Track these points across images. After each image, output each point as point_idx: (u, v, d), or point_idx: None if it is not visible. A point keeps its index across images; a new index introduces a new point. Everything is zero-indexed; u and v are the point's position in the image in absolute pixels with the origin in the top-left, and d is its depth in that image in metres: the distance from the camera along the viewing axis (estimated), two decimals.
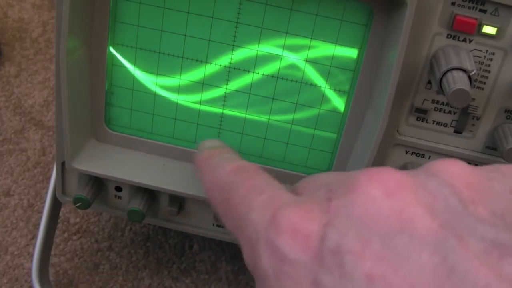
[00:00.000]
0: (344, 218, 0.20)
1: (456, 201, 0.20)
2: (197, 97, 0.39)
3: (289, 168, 0.41)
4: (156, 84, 0.39)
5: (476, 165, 0.38)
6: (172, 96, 0.40)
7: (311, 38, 0.36)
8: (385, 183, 0.21)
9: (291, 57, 0.37)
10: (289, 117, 0.39)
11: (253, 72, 0.38)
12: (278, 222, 0.22)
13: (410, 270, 0.18)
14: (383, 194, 0.20)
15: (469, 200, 0.20)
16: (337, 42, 0.36)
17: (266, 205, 0.24)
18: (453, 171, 0.21)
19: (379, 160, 0.38)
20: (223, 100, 0.39)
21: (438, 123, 0.37)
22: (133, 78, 0.39)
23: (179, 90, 0.39)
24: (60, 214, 0.51)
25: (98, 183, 0.42)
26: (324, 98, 0.38)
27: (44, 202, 0.48)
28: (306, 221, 0.21)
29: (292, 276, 0.21)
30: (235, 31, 0.37)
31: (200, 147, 0.34)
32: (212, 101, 0.39)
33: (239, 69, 0.38)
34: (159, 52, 0.38)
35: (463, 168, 0.22)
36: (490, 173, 0.22)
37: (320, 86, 0.38)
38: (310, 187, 0.26)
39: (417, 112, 0.37)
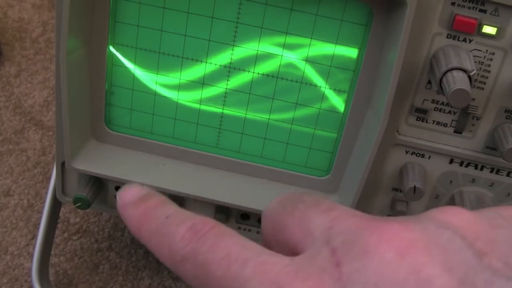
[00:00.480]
0: (359, 286, 0.20)
1: (470, 254, 0.20)
2: (197, 96, 0.39)
3: (289, 168, 0.41)
4: (156, 84, 0.39)
5: (476, 165, 0.38)
6: (172, 96, 0.40)
7: (311, 38, 0.36)
8: (396, 243, 0.20)
9: (291, 57, 0.37)
10: (289, 117, 0.39)
11: (253, 72, 0.38)
12: None
13: None
14: (397, 255, 0.20)
15: (482, 252, 0.20)
16: (337, 42, 0.36)
17: (261, 275, 0.22)
18: (460, 222, 0.21)
19: (379, 160, 0.38)
20: (223, 99, 0.39)
21: (438, 123, 0.37)
22: (133, 78, 0.39)
23: (179, 90, 0.39)
24: (60, 214, 0.51)
25: (98, 183, 0.42)
26: (324, 98, 0.38)
27: (44, 202, 0.48)
28: None
29: None
30: (235, 31, 0.37)
31: (123, 206, 0.28)
32: (212, 101, 0.39)
33: (239, 69, 0.38)
34: (159, 52, 0.38)
35: (469, 218, 0.21)
36: (493, 220, 0.22)
37: (320, 86, 0.38)
38: (301, 232, 0.24)
39: (417, 112, 0.37)
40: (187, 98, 0.40)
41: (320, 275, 0.20)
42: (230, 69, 0.38)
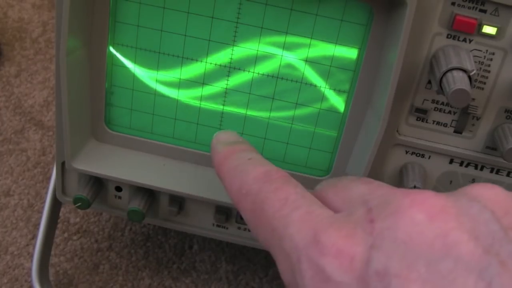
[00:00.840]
0: (388, 240, 0.21)
1: (497, 227, 0.20)
2: (197, 96, 0.39)
3: (289, 168, 0.41)
4: (156, 84, 0.39)
5: (476, 165, 0.38)
6: (172, 96, 0.40)
7: (311, 38, 0.36)
8: (428, 207, 0.21)
9: (291, 57, 0.37)
10: (289, 116, 0.39)
11: (253, 72, 0.38)
12: (321, 243, 0.22)
13: None
14: (427, 218, 0.21)
15: (509, 227, 0.21)
16: (337, 42, 0.36)
17: (304, 222, 0.24)
18: (491, 197, 0.22)
19: (379, 160, 0.38)
20: (223, 99, 0.39)
21: (438, 123, 0.37)
22: (133, 78, 0.39)
23: (179, 90, 0.39)
24: (60, 214, 0.51)
25: (98, 183, 0.42)
26: (324, 98, 0.38)
27: (44, 202, 0.48)
28: (351, 243, 0.21)
29: None
30: (235, 31, 0.37)
31: (216, 142, 0.32)
32: (212, 101, 0.39)
33: (239, 69, 0.38)
34: (159, 52, 0.38)
35: (501, 195, 0.22)
36: None
37: (320, 86, 0.38)
38: (342, 200, 0.25)
39: (417, 112, 0.37)
40: (187, 98, 0.40)
41: (353, 228, 0.22)
42: (230, 69, 0.38)
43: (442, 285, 0.19)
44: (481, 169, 0.38)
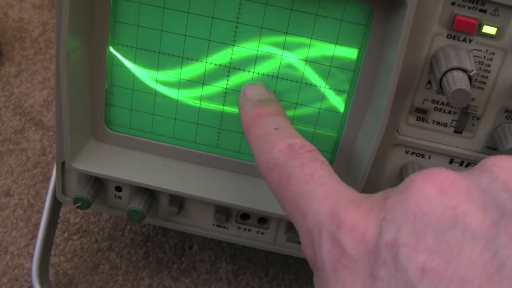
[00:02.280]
0: (399, 213, 0.21)
1: (508, 198, 0.20)
2: (197, 97, 0.39)
3: None
4: (156, 84, 0.39)
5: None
6: (172, 96, 0.40)
7: (311, 38, 0.36)
8: (439, 181, 0.22)
9: (291, 57, 0.37)
10: (289, 117, 0.39)
11: (253, 72, 0.38)
12: (340, 218, 0.23)
13: (461, 264, 0.19)
14: (437, 191, 0.21)
15: None
16: (337, 42, 0.36)
17: (327, 197, 0.25)
18: (505, 165, 0.22)
19: (379, 160, 0.38)
20: (223, 99, 0.39)
21: (438, 123, 0.37)
22: (133, 78, 0.39)
23: (179, 90, 0.39)
24: (60, 214, 0.51)
25: (98, 183, 0.42)
26: (324, 98, 0.38)
27: (44, 202, 0.48)
28: (365, 217, 0.22)
29: (350, 268, 0.22)
30: (235, 31, 0.37)
31: (244, 100, 0.32)
32: (212, 101, 0.39)
33: (239, 68, 0.38)
34: (159, 52, 0.38)
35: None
36: None
37: (320, 86, 0.38)
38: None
39: (417, 112, 0.37)
40: (187, 98, 0.40)
41: (370, 205, 0.23)
42: (230, 69, 0.38)
43: (449, 255, 0.19)
44: None
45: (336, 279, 0.22)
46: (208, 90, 0.39)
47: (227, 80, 0.38)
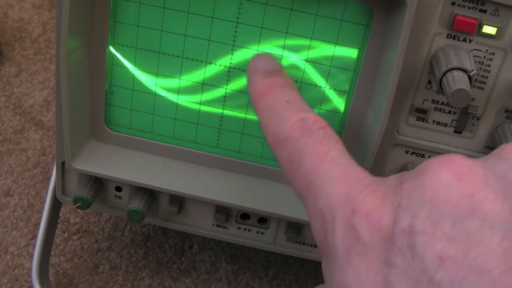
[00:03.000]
0: (415, 199, 0.21)
1: None
2: (197, 97, 0.39)
3: None
4: (156, 84, 0.39)
5: None
6: (172, 96, 0.40)
7: (311, 38, 0.36)
8: (456, 168, 0.21)
9: (291, 57, 0.37)
10: None
11: None
12: (355, 203, 0.22)
13: (480, 253, 0.19)
14: (454, 178, 0.21)
15: None
16: (337, 42, 0.36)
17: (341, 180, 0.24)
18: None
19: (379, 160, 0.38)
20: (223, 100, 0.39)
21: (438, 123, 0.37)
22: (133, 78, 0.39)
23: (179, 90, 0.39)
24: (60, 214, 0.51)
25: (98, 183, 0.42)
26: (324, 98, 0.38)
27: (44, 202, 0.48)
28: (381, 203, 0.22)
29: (364, 255, 0.21)
30: (235, 31, 0.37)
31: (253, 71, 0.31)
32: (212, 101, 0.39)
33: (239, 69, 0.38)
34: (159, 52, 0.38)
35: None
36: None
37: (320, 86, 0.38)
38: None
39: (417, 112, 0.37)
40: (187, 98, 0.40)
41: (385, 190, 0.22)
42: (230, 69, 0.38)
43: (467, 243, 0.19)
44: None
45: (349, 265, 0.22)
46: (208, 90, 0.39)
47: (227, 80, 0.38)
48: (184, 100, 0.40)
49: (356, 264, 0.21)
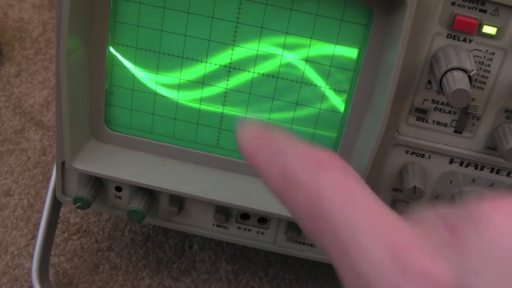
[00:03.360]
0: (476, 256, 0.18)
1: None
2: (197, 96, 0.39)
3: None
4: (156, 84, 0.39)
5: (476, 165, 0.38)
6: (172, 96, 0.40)
7: (311, 38, 0.36)
8: (506, 208, 0.18)
9: (291, 57, 0.37)
10: (289, 116, 0.39)
11: (253, 72, 0.38)
12: (403, 262, 0.19)
13: None
14: (509, 220, 0.18)
15: None
16: (337, 42, 0.36)
17: (377, 231, 0.20)
18: None
19: (379, 160, 0.38)
20: (223, 99, 0.39)
21: (438, 123, 0.37)
22: (133, 78, 0.39)
23: (179, 90, 0.39)
24: (60, 214, 0.51)
25: (98, 183, 0.42)
26: (324, 98, 0.38)
27: (44, 202, 0.48)
28: (436, 264, 0.18)
29: None
30: (235, 31, 0.37)
31: (244, 140, 0.25)
32: (212, 101, 0.39)
33: (239, 68, 0.38)
34: (159, 52, 0.38)
35: None
36: None
37: (320, 86, 0.38)
38: (416, 217, 0.21)
39: (417, 112, 0.37)
40: (187, 98, 0.40)
41: (436, 243, 0.19)
42: (230, 69, 0.38)
43: None
44: (481, 169, 0.38)
45: None
46: (208, 90, 0.39)
47: (227, 80, 0.38)
48: (184, 100, 0.40)
49: None
